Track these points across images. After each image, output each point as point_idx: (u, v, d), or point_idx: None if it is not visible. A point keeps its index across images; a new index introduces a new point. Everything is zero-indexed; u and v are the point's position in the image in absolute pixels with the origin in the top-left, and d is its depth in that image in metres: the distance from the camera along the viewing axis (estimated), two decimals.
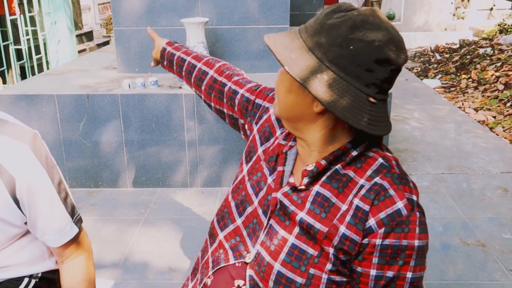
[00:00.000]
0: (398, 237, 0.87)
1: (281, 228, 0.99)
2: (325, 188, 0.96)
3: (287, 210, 0.99)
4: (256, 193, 1.07)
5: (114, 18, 3.38)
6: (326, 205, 0.94)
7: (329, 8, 0.90)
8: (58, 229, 1.24)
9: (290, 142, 1.07)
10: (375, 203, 0.89)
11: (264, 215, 1.03)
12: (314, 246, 0.94)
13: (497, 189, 3.10)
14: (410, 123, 4.41)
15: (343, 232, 0.91)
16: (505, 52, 6.73)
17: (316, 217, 0.94)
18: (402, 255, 0.88)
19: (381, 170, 0.94)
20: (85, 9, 10.60)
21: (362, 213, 0.90)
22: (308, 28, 0.91)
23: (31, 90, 3.06)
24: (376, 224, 0.88)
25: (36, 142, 1.19)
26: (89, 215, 2.84)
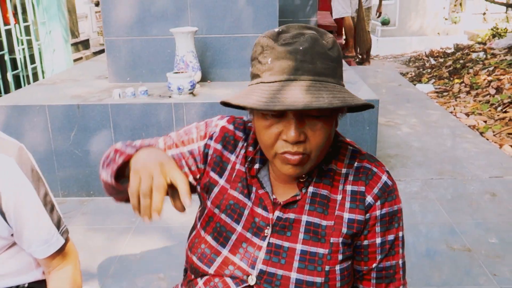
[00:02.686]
0: (390, 204, 1.02)
1: (284, 241, 1.02)
2: (319, 187, 1.03)
3: (289, 220, 1.02)
4: (236, 220, 1.05)
5: (104, 28, 3.42)
6: (325, 202, 1.02)
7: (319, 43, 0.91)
8: (44, 240, 1.26)
9: (257, 165, 1.06)
10: (367, 183, 1.01)
11: (256, 236, 1.03)
12: (323, 245, 1.00)
13: (485, 194, 3.13)
14: (401, 128, 4.44)
15: (348, 218, 1.01)
16: (497, 56, 6.78)
17: (320, 216, 1.01)
18: (395, 219, 1.03)
19: (355, 156, 1.05)
20: (82, 17, 10.64)
21: (359, 194, 1.01)
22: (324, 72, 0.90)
23: (23, 100, 3.10)
24: (373, 199, 1.01)
25: (21, 155, 1.21)
26: (81, 224, 2.87)
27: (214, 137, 1.10)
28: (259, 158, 1.06)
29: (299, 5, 6.26)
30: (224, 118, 1.14)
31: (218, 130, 1.11)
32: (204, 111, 2.98)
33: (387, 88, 5.96)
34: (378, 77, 6.67)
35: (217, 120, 1.13)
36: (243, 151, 1.08)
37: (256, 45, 0.95)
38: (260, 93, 0.88)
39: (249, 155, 1.07)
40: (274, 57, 0.90)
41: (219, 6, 3.35)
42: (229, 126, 1.11)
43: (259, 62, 0.92)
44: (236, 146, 1.09)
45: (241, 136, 1.10)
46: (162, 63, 3.46)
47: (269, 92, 0.87)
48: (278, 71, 0.89)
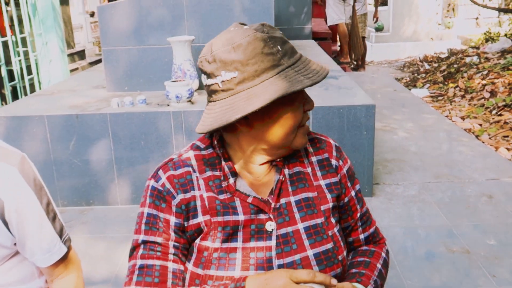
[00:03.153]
0: (346, 161, 1.18)
1: (287, 227, 1.06)
2: (290, 167, 1.10)
3: (282, 206, 1.07)
4: (233, 239, 1.03)
5: (102, 38, 3.44)
6: (302, 177, 1.11)
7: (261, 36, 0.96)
8: (47, 249, 1.26)
9: (231, 180, 1.05)
10: (326, 149, 1.15)
11: (260, 240, 1.03)
12: (318, 215, 1.08)
13: (482, 197, 3.16)
14: (398, 133, 4.47)
15: (325, 184, 1.12)
16: (491, 60, 6.84)
17: (304, 190, 1.09)
18: (353, 171, 1.20)
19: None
20: (77, 28, 10.67)
21: (325, 161, 1.14)
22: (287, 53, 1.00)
23: (21, 111, 3.11)
24: (335, 161, 1.15)
25: (24, 164, 1.22)
26: (81, 233, 2.88)
27: (173, 193, 1.04)
28: (230, 172, 1.05)
29: (294, 12, 6.32)
30: (158, 174, 1.07)
31: (168, 184, 1.05)
32: None
33: (382, 93, 6.00)
34: (373, 82, 6.72)
35: (155, 183, 1.06)
36: (201, 181, 1.05)
37: (253, 42, 0.94)
38: (296, 74, 0.96)
39: (212, 178, 1.05)
40: (281, 43, 0.97)
41: (215, 14, 3.38)
42: (170, 173, 1.06)
43: (268, 54, 0.95)
44: (191, 180, 1.05)
45: (187, 170, 1.06)
46: (159, 72, 3.48)
47: (304, 70, 0.97)
48: (291, 52, 0.98)
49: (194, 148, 1.10)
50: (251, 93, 0.94)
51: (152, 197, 1.06)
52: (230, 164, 1.07)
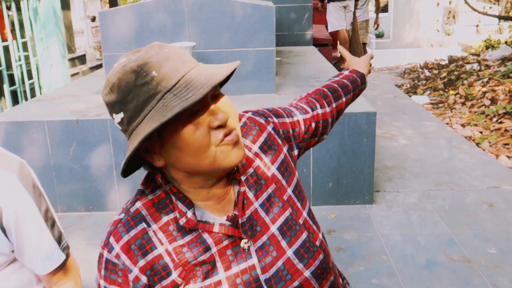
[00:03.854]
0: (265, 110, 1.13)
1: (262, 236, 1.00)
2: (243, 173, 1.03)
3: (250, 216, 0.99)
4: (215, 273, 0.97)
5: (103, 43, 3.44)
6: (256, 176, 1.03)
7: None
8: (45, 256, 1.26)
9: (189, 213, 0.96)
10: (258, 128, 1.07)
11: (241, 262, 0.98)
12: (284, 208, 1.03)
13: (482, 205, 3.15)
14: (398, 140, 4.46)
15: (276, 168, 1.05)
16: (491, 67, 6.85)
17: (263, 189, 1.02)
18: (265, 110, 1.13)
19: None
20: (78, 32, 10.70)
21: (268, 141, 1.07)
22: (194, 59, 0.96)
23: (22, 116, 3.11)
24: (267, 123, 1.09)
25: (23, 171, 1.22)
26: (80, 239, 2.86)
27: (129, 266, 0.93)
28: (184, 206, 0.96)
29: (294, 19, 6.33)
30: (109, 243, 0.95)
31: (123, 255, 0.94)
32: None
33: (383, 100, 6.00)
34: (373, 89, 6.72)
35: (109, 255, 0.94)
36: (160, 234, 0.95)
37: (123, 78, 0.85)
38: (174, 97, 0.82)
39: (170, 223, 0.96)
40: (158, 67, 0.84)
41: (216, 21, 3.39)
42: (124, 239, 0.94)
43: (142, 85, 0.84)
44: (149, 239, 0.94)
45: (141, 229, 0.95)
46: None
47: (185, 89, 0.83)
48: (172, 72, 0.84)
49: (139, 195, 0.98)
50: (138, 131, 0.85)
51: (107, 271, 0.95)
52: (183, 197, 0.96)
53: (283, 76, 4.25)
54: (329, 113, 1.25)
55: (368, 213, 3.08)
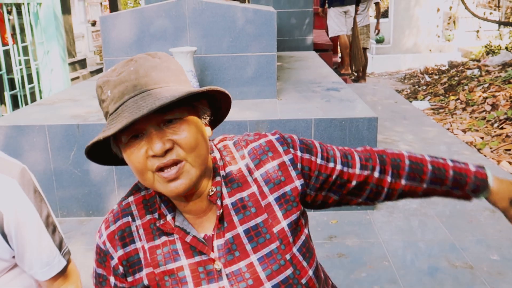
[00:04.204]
0: (294, 141, 1.03)
1: (239, 262, 0.98)
2: (231, 196, 1.00)
3: (229, 241, 0.98)
4: (184, 286, 0.99)
5: (104, 48, 3.44)
6: (246, 202, 0.99)
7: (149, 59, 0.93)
8: (46, 262, 1.25)
9: (168, 216, 1.00)
10: (270, 154, 1.01)
11: (212, 282, 0.98)
12: (271, 240, 0.98)
13: (484, 211, 3.13)
14: (399, 145, 4.46)
15: (274, 199, 0.99)
16: (492, 73, 6.85)
17: (251, 217, 0.99)
18: (303, 142, 1.04)
19: (240, 146, 1.03)
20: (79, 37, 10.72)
21: (274, 169, 1.00)
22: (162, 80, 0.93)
23: (22, 120, 3.10)
24: (286, 154, 1.01)
25: (24, 176, 1.21)
26: (80, 244, 2.85)
27: (111, 253, 1.02)
28: (167, 209, 1.00)
29: (295, 24, 6.34)
30: (101, 230, 1.05)
31: (108, 243, 1.02)
32: None
33: (383, 105, 6.00)
34: (374, 94, 6.72)
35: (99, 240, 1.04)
36: (141, 230, 1.01)
37: (96, 89, 0.94)
38: (109, 123, 0.87)
39: (152, 221, 1.01)
40: (112, 87, 0.90)
41: (218, 26, 3.38)
42: (111, 229, 1.03)
43: (103, 101, 0.92)
44: (130, 232, 1.02)
45: (126, 221, 1.02)
46: None
47: (117, 117, 0.87)
48: (119, 96, 0.89)
49: (135, 190, 1.05)
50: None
51: (97, 255, 1.06)
52: (167, 200, 1.00)
53: (284, 81, 4.25)
54: (387, 183, 1.08)
55: (369, 219, 3.06)
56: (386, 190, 1.08)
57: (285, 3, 6.31)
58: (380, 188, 1.07)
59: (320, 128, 3.02)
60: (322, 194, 1.05)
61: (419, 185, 1.09)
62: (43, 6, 5.21)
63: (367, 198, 1.09)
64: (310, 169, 1.02)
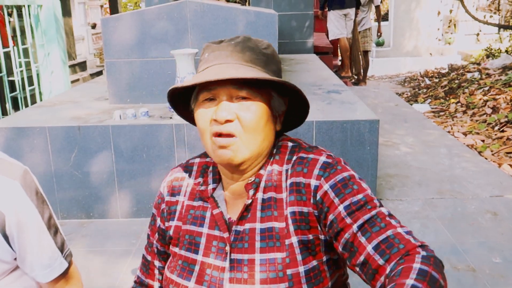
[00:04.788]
0: (335, 175, 0.98)
1: (244, 254, 1.01)
2: (264, 192, 1.04)
3: (245, 231, 1.02)
4: (195, 250, 1.07)
5: (105, 50, 3.43)
6: (273, 204, 1.02)
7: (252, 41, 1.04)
8: (47, 264, 1.24)
9: (210, 186, 1.10)
10: (305, 171, 1.01)
11: (218, 259, 1.03)
12: (279, 249, 0.99)
13: (486, 213, 3.13)
14: (400, 148, 4.45)
15: (290, 212, 1.00)
16: (492, 76, 6.85)
17: (271, 219, 1.01)
18: (350, 183, 0.97)
19: (294, 150, 1.07)
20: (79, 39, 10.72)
21: (296, 186, 1.01)
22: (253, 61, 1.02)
23: (23, 122, 3.10)
24: (316, 180, 0.98)
25: (26, 178, 1.20)
26: (81, 247, 2.84)
27: (164, 197, 1.17)
28: (212, 179, 1.11)
29: (296, 27, 6.34)
30: (166, 177, 1.20)
31: (165, 188, 1.17)
32: None
33: (384, 108, 6.00)
34: (374, 97, 6.72)
35: (161, 185, 1.19)
36: (189, 188, 1.13)
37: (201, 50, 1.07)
38: (193, 78, 0.97)
39: (199, 184, 1.12)
40: (210, 51, 1.02)
41: (219, 28, 3.38)
42: (171, 177, 1.18)
43: (201, 60, 1.04)
44: (181, 186, 1.14)
45: (183, 176, 1.15)
46: (161, 84, 3.47)
47: (201, 74, 0.98)
48: (211, 60, 1.01)
49: (204, 154, 1.18)
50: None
51: (157, 197, 1.20)
52: (217, 172, 1.11)
53: None
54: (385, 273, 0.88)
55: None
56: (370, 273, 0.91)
57: (285, 6, 6.31)
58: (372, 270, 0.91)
59: (321, 130, 3.02)
60: (338, 246, 0.97)
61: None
62: (43, 8, 5.21)
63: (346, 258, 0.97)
64: (328, 209, 0.96)
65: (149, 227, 1.22)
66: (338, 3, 7.29)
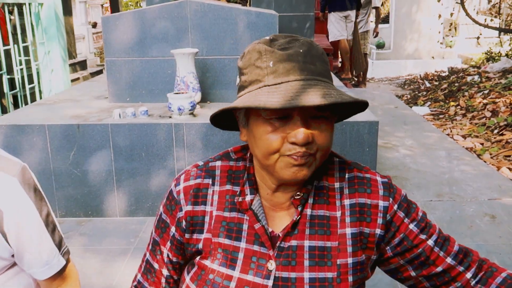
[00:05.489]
0: (398, 195, 1.02)
1: (291, 272, 0.97)
2: (315, 208, 0.99)
3: (291, 248, 0.98)
4: (231, 266, 0.99)
5: (105, 49, 3.44)
6: (325, 222, 0.99)
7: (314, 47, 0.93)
8: (45, 261, 1.24)
9: (248, 197, 1.01)
10: (369, 191, 1.00)
11: (258, 276, 0.98)
12: (330, 269, 0.97)
13: (485, 216, 3.13)
14: (399, 150, 4.45)
15: (351, 233, 0.98)
16: (492, 79, 6.86)
17: (323, 238, 0.98)
18: (409, 202, 1.03)
19: (344, 167, 1.04)
20: (80, 38, 10.72)
21: (365, 206, 0.99)
22: (325, 74, 0.93)
23: (22, 120, 3.09)
24: (384, 201, 0.99)
25: (24, 175, 1.20)
26: (78, 245, 2.84)
27: (182, 205, 1.04)
28: (249, 189, 1.01)
29: (296, 28, 6.34)
30: (179, 179, 1.06)
31: (182, 194, 1.04)
32: (204, 132, 2.98)
33: (383, 110, 6.00)
34: (374, 99, 6.72)
35: (174, 188, 1.06)
36: (216, 197, 1.03)
37: (251, 52, 0.93)
38: (267, 95, 0.86)
39: (229, 193, 1.02)
40: (276, 60, 0.89)
41: (219, 28, 3.38)
42: (190, 182, 1.04)
43: (258, 67, 0.91)
44: (206, 194, 1.03)
45: (207, 182, 1.04)
46: (161, 83, 3.48)
47: (279, 92, 0.86)
48: (283, 72, 0.88)
49: (225, 157, 1.07)
50: (235, 100, 0.94)
51: (167, 200, 1.07)
52: (253, 181, 1.01)
53: None
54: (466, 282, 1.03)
55: None
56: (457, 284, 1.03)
57: (286, 7, 6.31)
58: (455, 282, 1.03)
59: None
60: (399, 261, 1.03)
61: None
62: (44, 6, 5.21)
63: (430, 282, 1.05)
64: (397, 228, 1.00)
65: (157, 233, 1.09)
66: (339, 5, 7.31)
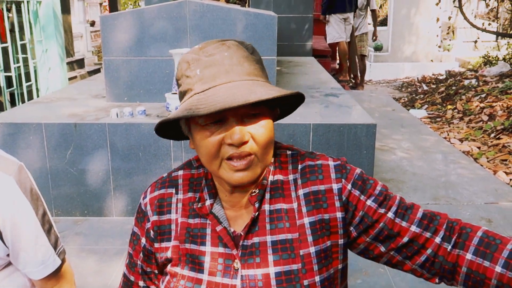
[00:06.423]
0: (351, 174, 1.00)
1: (256, 269, 0.98)
2: (272, 203, 1.00)
3: (254, 245, 0.99)
4: (200, 270, 1.01)
5: (103, 48, 3.43)
6: (284, 215, 0.99)
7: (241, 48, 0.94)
8: (40, 261, 1.24)
9: (208, 202, 1.02)
10: (321, 177, 1.00)
11: (226, 277, 0.99)
12: (295, 260, 0.97)
13: (481, 220, 3.13)
14: (396, 153, 4.46)
15: (309, 222, 0.98)
16: (489, 83, 6.88)
17: (283, 230, 0.98)
18: (365, 179, 1.01)
19: (296, 158, 1.04)
20: (77, 36, 10.70)
21: (319, 193, 0.99)
22: (254, 72, 0.94)
23: (19, 118, 3.08)
24: (337, 183, 0.99)
25: (21, 174, 1.20)
26: (74, 244, 2.83)
27: (149, 215, 1.06)
28: (208, 193, 1.03)
29: (295, 29, 6.35)
30: (146, 192, 1.09)
31: (148, 206, 1.07)
32: None
33: (380, 112, 6.01)
34: (371, 101, 6.73)
35: (142, 201, 1.09)
36: (180, 205, 1.05)
37: (181, 63, 0.95)
38: (197, 102, 0.88)
39: (192, 199, 1.04)
40: (202, 67, 0.91)
41: (218, 29, 3.38)
42: (154, 193, 1.07)
43: (187, 77, 0.93)
44: (170, 203, 1.05)
45: (170, 191, 1.06)
46: (159, 83, 3.47)
47: (206, 98, 0.87)
48: (209, 77, 0.90)
49: (187, 166, 1.09)
50: (176, 111, 0.95)
51: (137, 214, 1.11)
52: (211, 186, 1.03)
53: (283, 85, 4.25)
54: (446, 252, 0.95)
55: None
56: (443, 261, 0.96)
57: (285, 8, 6.32)
58: (438, 257, 0.96)
59: (318, 133, 3.02)
60: (365, 240, 1.01)
61: (490, 266, 0.90)
62: (42, 4, 5.20)
63: (423, 267, 0.98)
64: (355, 207, 0.99)
65: (131, 246, 1.12)
66: (339, 8, 7.33)
